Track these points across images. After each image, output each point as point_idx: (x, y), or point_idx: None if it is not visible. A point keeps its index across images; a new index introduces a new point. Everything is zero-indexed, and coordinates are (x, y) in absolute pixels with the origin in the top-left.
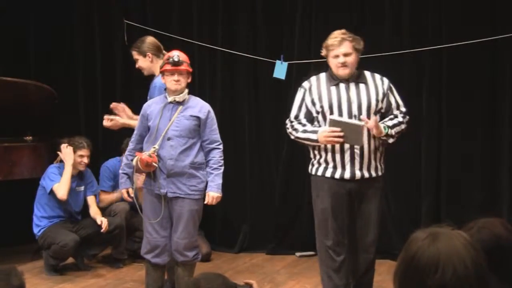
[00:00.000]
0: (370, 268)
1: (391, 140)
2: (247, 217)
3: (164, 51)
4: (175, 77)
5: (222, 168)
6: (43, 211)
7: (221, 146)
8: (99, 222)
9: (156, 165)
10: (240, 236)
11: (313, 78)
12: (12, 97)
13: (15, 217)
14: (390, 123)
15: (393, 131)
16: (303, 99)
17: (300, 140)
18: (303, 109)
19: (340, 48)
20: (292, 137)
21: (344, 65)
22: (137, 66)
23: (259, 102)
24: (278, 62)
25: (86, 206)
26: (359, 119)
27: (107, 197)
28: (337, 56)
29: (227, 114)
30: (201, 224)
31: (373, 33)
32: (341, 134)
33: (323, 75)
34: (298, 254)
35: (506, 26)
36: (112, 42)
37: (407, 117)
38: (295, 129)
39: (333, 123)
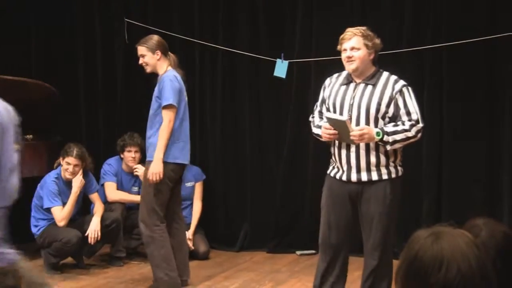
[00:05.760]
0: (373, 274)
1: (388, 147)
2: (248, 215)
3: (169, 52)
4: None
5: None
6: (42, 214)
7: None
8: (87, 233)
9: None
10: (241, 235)
11: (335, 75)
12: (13, 96)
13: (15, 216)
14: (389, 129)
15: (390, 138)
16: (322, 95)
17: (315, 136)
18: (322, 106)
19: (348, 42)
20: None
21: (350, 59)
22: (141, 62)
23: (260, 101)
24: (278, 61)
25: (85, 205)
26: (350, 116)
27: (124, 195)
28: (345, 50)
29: (228, 113)
30: (201, 223)
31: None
32: (334, 131)
33: (344, 73)
34: (298, 252)
35: (506, 24)
36: (113, 41)
37: (418, 126)
38: (313, 124)
39: (328, 120)
